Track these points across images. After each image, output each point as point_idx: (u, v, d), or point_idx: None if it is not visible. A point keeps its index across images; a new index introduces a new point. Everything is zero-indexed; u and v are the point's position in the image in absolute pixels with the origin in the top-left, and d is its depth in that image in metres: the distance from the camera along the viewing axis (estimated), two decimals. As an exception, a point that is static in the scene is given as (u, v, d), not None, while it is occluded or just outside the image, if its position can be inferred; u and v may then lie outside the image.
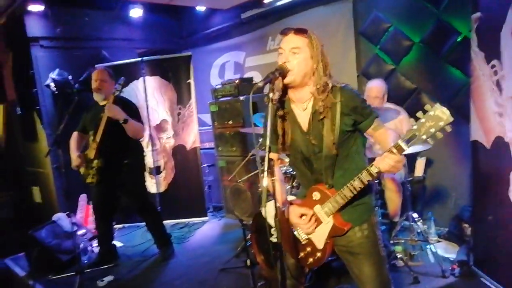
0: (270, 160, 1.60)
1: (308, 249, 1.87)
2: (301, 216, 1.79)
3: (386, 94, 3.49)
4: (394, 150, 1.51)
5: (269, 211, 1.63)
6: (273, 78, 1.65)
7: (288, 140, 1.81)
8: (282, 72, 1.67)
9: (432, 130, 1.42)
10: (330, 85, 1.71)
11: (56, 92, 4.74)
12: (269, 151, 1.60)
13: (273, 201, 1.85)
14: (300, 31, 1.69)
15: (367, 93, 3.47)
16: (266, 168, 1.57)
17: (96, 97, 3.55)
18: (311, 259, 1.86)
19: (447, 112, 1.39)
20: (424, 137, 1.44)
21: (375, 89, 3.43)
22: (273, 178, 1.65)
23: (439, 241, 3.38)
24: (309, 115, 1.74)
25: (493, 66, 2.49)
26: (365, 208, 1.79)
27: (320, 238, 1.81)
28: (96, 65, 4.81)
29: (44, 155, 3.90)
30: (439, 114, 1.40)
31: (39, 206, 5.36)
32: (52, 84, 4.72)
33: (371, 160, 1.63)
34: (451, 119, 1.38)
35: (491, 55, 2.51)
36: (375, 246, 1.78)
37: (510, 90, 2.34)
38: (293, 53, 1.67)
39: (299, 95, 1.76)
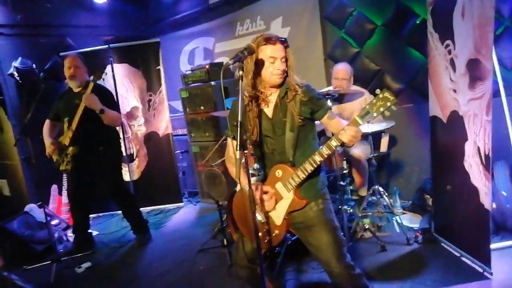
0: (242, 134, 1.70)
1: (266, 227, 1.99)
2: (264, 193, 1.95)
3: (352, 76, 3.64)
4: (351, 124, 1.74)
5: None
6: (242, 57, 1.80)
7: (256, 127, 1.99)
8: (250, 50, 1.84)
9: (381, 109, 1.69)
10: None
11: (20, 81, 4.62)
12: (241, 127, 1.70)
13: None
14: (284, 42, 1.93)
15: (334, 75, 3.61)
16: (238, 142, 1.67)
17: (71, 84, 3.52)
18: (268, 237, 1.99)
19: (393, 95, 1.68)
20: (375, 114, 1.70)
21: (341, 71, 3.57)
22: (245, 152, 1.75)
23: (404, 213, 3.61)
24: (274, 103, 1.98)
25: (447, 46, 2.68)
26: (319, 185, 2.01)
27: (279, 214, 1.97)
28: (61, 53, 4.72)
29: (13, 145, 3.81)
30: (387, 96, 1.68)
31: (7, 198, 5.22)
32: (16, 73, 4.58)
33: (327, 139, 1.81)
34: (396, 100, 1.69)
35: (445, 36, 2.69)
36: (329, 216, 1.97)
37: (462, 68, 2.53)
38: (282, 62, 1.90)
39: (270, 90, 1.97)
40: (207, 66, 4.71)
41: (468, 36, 2.42)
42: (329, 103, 2.57)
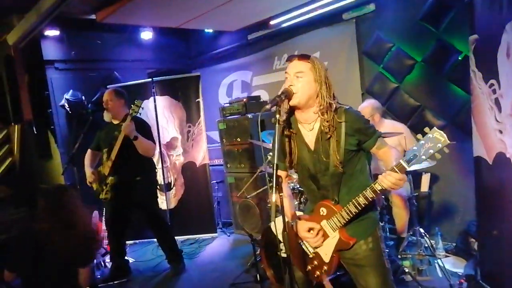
0: (278, 177, 1.70)
1: (316, 262, 1.95)
2: (309, 230, 1.89)
3: (378, 112, 3.56)
4: (396, 169, 1.62)
5: (277, 226, 1.74)
6: (279, 101, 1.76)
7: (295, 159, 1.92)
8: (288, 94, 1.79)
9: (431, 151, 1.53)
10: (334, 106, 1.82)
11: (70, 112, 4.93)
12: (277, 169, 1.70)
13: (281, 216, 1.96)
14: (303, 57, 1.82)
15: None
16: (274, 185, 1.68)
17: (105, 116, 3.72)
18: (318, 272, 1.94)
19: (444, 135, 1.50)
20: (424, 157, 1.56)
21: (362, 110, 3.53)
22: (281, 194, 1.74)
23: (446, 256, 3.42)
24: (315, 135, 1.85)
25: (491, 85, 2.59)
26: (369, 222, 1.89)
27: (327, 251, 1.90)
28: (108, 86, 5.01)
29: (61, 174, 4.03)
30: (437, 136, 1.52)
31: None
32: (66, 105, 4.91)
33: (377, 176, 1.73)
34: (448, 141, 1.50)
35: (489, 75, 2.61)
36: (380, 258, 1.87)
37: (508, 108, 2.43)
38: (297, 77, 1.79)
39: (305, 116, 1.88)
40: (244, 100, 4.83)
41: (514, 77, 2.34)
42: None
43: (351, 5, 4.18)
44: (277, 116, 1.75)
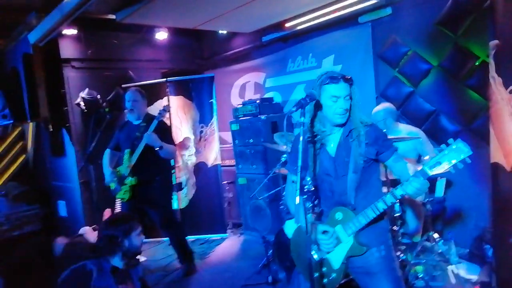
0: (302, 179, 1.73)
1: (324, 269, 1.95)
2: (323, 233, 1.90)
3: (391, 116, 3.53)
4: (420, 175, 1.66)
5: (289, 229, 1.76)
6: (304, 104, 1.80)
7: (316, 163, 1.95)
8: (313, 98, 1.83)
9: (454, 160, 1.61)
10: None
11: (85, 111, 4.99)
12: (301, 171, 1.72)
13: (293, 219, 1.98)
14: (349, 80, 1.88)
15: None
16: (299, 187, 1.70)
17: (130, 117, 3.75)
18: (326, 280, 1.94)
19: (467, 146, 1.59)
20: (446, 166, 1.63)
21: (376, 113, 3.55)
22: (304, 197, 1.76)
23: (460, 262, 3.40)
24: (338, 141, 1.92)
25: (511, 91, 2.58)
26: (382, 230, 1.93)
27: (338, 257, 1.91)
28: (122, 85, 5.06)
29: (76, 171, 4.07)
30: (461, 147, 1.60)
31: (64, 219, 5.54)
32: (82, 103, 4.97)
33: (393, 182, 1.76)
34: (471, 152, 1.58)
35: (509, 81, 2.59)
36: (392, 265, 1.90)
37: (529, 115, 2.42)
38: (346, 100, 1.87)
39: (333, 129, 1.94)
40: (257, 101, 4.85)
41: (536, 83, 2.33)
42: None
43: (367, 8, 4.17)
44: (302, 118, 1.78)
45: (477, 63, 3.56)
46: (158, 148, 3.51)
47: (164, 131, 3.69)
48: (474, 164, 3.60)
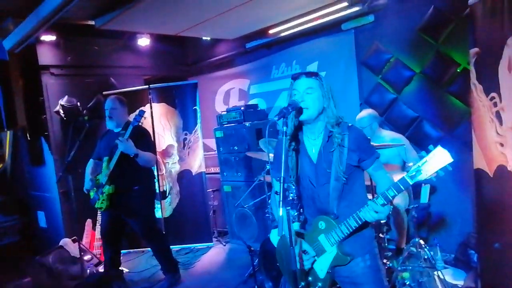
0: (285, 190, 1.69)
1: (310, 278, 1.92)
2: (303, 252, 1.89)
3: (375, 122, 3.56)
4: (401, 185, 1.66)
5: (275, 237, 1.72)
6: (286, 113, 1.77)
7: (298, 171, 1.92)
8: (295, 106, 1.80)
9: (435, 168, 1.58)
10: (340, 121, 1.87)
11: (65, 119, 4.86)
12: (284, 182, 1.68)
13: (278, 229, 1.94)
14: (312, 74, 1.86)
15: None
16: (281, 198, 1.66)
17: (109, 125, 3.65)
18: None
19: (448, 153, 1.55)
20: (428, 173, 1.60)
21: (361, 120, 3.56)
22: (288, 208, 1.73)
23: (445, 268, 3.41)
24: (319, 148, 1.88)
25: (492, 98, 2.61)
26: (367, 238, 1.90)
27: (322, 267, 1.89)
28: (104, 92, 4.95)
29: (56, 182, 3.95)
30: (441, 155, 1.56)
31: (44, 230, 5.37)
32: (61, 111, 4.83)
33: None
34: (452, 160, 1.55)
35: (489, 88, 2.63)
36: (379, 275, 1.87)
37: (510, 121, 2.45)
38: (307, 93, 1.83)
39: (312, 129, 1.90)
40: (242, 108, 4.81)
41: (516, 90, 2.36)
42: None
43: (350, 15, 4.20)
44: (284, 128, 1.75)
45: (458, 70, 3.61)
46: (133, 156, 3.42)
47: (141, 137, 3.60)
48: (457, 170, 3.68)
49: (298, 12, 4.30)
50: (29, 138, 4.94)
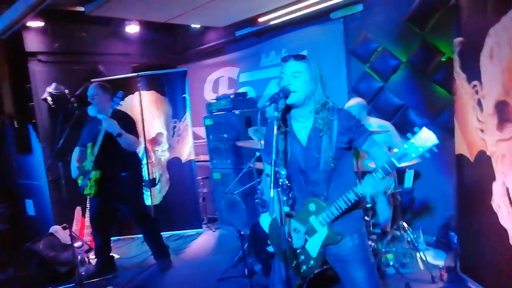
0: (276, 172, 1.75)
1: (302, 257, 2.00)
2: (294, 230, 1.95)
3: (363, 110, 3.63)
4: (387, 166, 1.72)
5: (265, 222, 1.78)
6: (277, 98, 1.82)
7: (288, 155, 1.97)
8: (285, 92, 1.85)
9: (421, 149, 1.63)
10: (329, 104, 1.90)
11: (53, 106, 4.82)
12: (275, 165, 1.75)
13: (269, 211, 2.01)
14: (299, 57, 1.88)
15: None
16: (272, 180, 1.72)
17: (90, 110, 3.65)
18: (304, 267, 1.99)
19: (434, 135, 1.59)
20: (414, 155, 1.65)
21: (350, 108, 3.61)
22: (278, 190, 1.79)
23: (427, 249, 3.55)
24: (308, 131, 1.92)
25: (474, 86, 2.71)
26: (355, 219, 1.97)
27: (314, 246, 1.96)
28: (92, 80, 4.92)
29: (43, 169, 3.94)
30: (427, 136, 1.61)
31: (32, 218, 5.36)
32: (49, 98, 4.80)
33: (363, 173, 1.81)
34: (437, 141, 1.59)
35: (472, 76, 2.73)
36: (365, 253, 1.95)
37: (490, 109, 2.55)
38: (294, 76, 1.86)
39: (300, 113, 1.94)
40: (231, 96, 4.85)
41: (497, 78, 2.46)
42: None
43: (339, 4, 4.25)
44: (275, 113, 1.80)
45: (443, 59, 3.70)
46: (117, 135, 3.43)
47: (123, 120, 3.61)
48: (440, 156, 3.81)
49: (288, 0, 4.32)
50: (16, 126, 4.89)
